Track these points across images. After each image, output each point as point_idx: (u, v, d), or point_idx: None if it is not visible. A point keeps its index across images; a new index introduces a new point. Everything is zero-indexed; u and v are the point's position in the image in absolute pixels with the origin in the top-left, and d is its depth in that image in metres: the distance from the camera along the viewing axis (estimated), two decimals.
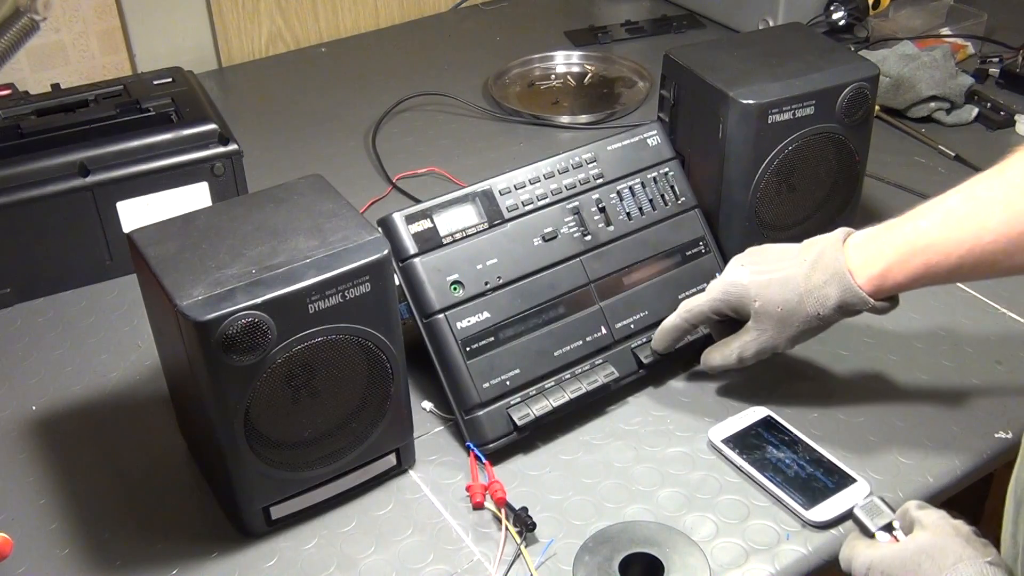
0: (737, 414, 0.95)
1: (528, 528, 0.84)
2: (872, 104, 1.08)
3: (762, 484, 0.88)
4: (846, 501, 0.85)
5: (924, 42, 1.55)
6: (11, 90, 1.24)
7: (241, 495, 0.83)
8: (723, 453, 0.91)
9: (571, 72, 1.64)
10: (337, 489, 0.88)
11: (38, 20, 0.78)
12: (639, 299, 1.01)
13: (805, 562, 0.83)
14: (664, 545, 0.83)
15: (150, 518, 0.89)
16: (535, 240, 0.98)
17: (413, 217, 0.93)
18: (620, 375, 0.98)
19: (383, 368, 0.84)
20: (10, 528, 0.79)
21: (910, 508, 0.75)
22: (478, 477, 0.90)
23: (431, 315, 0.92)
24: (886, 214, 1.24)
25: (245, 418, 0.79)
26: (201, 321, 0.74)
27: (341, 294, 0.79)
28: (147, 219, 1.14)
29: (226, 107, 1.36)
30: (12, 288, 1.14)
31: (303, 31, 1.74)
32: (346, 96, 1.57)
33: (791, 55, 1.09)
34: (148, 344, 1.04)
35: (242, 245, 0.80)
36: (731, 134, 1.04)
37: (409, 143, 1.44)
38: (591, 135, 1.36)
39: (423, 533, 0.86)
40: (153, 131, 1.16)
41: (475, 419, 0.92)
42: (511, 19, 1.84)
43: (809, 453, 0.90)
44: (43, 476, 0.93)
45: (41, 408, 1.01)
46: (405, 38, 1.78)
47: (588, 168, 1.02)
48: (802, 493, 0.86)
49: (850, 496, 0.86)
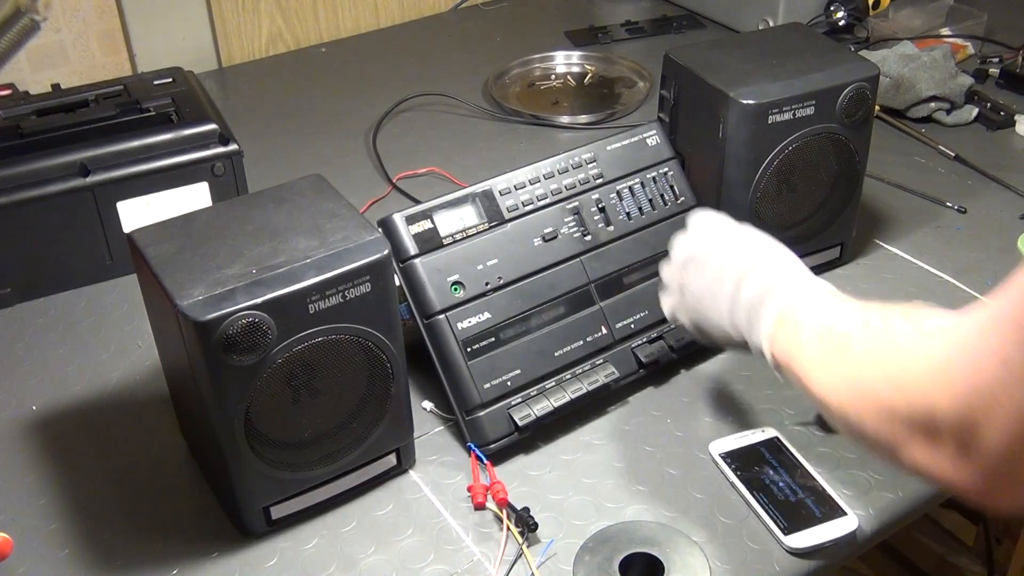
0: (745, 431, 0.94)
1: (530, 528, 0.84)
2: (872, 104, 1.08)
3: (748, 502, 0.87)
4: (829, 533, 0.84)
5: (924, 42, 1.55)
6: (11, 90, 1.24)
7: (241, 495, 0.83)
8: (718, 465, 0.91)
9: (571, 72, 1.64)
10: (337, 489, 0.88)
11: (38, 20, 0.78)
12: (639, 299, 1.01)
13: (804, 563, 0.83)
14: (664, 545, 0.83)
15: (150, 518, 0.89)
16: (535, 240, 0.98)
17: (413, 218, 0.93)
18: (620, 375, 0.98)
19: (383, 368, 0.84)
20: (10, 528, 0.79)
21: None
22: (479, 477, 0.90)
23: (432, 316, 0.92)
24: (886, 214, 1.25)
25: (245, 418, 0.79)
26: (201, 321, 0.74)
27: (341, 294, 0.79)
28: (147, 219, 1.14)
29: (226, 107, 1.36)
30: (12, 288, 1.14)
31: (303, 31, 1.74)
32: (346, 96, 1.57)
33: (791, 55, 1.09)
34: (148, 344, 1.04)
35: (242, 245, 0.80)
36: (731, 134, 1.04)
37: (409, 143, 1.44)
38: (591, 135, 1.36)
39: (423, 533, 0.86)
40: (153, 131, 1.16)
41: (476, 420, 0.92)
42: (511, 19, 1.84)
43: (806, 480, 0.88)
44: (43, 476, 0.93)
45: (41, 408, 1.01)
46: (405, 38, 1.78)
47: (588, 168, 1.02)
48: (786, 518, 0.85)
49: (835, 529, 0.84)
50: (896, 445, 0.63)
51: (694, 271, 0.86)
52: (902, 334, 0.64)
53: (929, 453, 0.60)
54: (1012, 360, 0.54)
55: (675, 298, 0.89)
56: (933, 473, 0.61)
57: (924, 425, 0.60)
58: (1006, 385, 0.54)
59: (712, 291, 0.84)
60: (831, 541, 0.84)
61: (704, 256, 0.86)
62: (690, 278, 0.87)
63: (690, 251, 0.87)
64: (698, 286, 0.85)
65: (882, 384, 0.64)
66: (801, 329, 0.75)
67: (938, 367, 0.59)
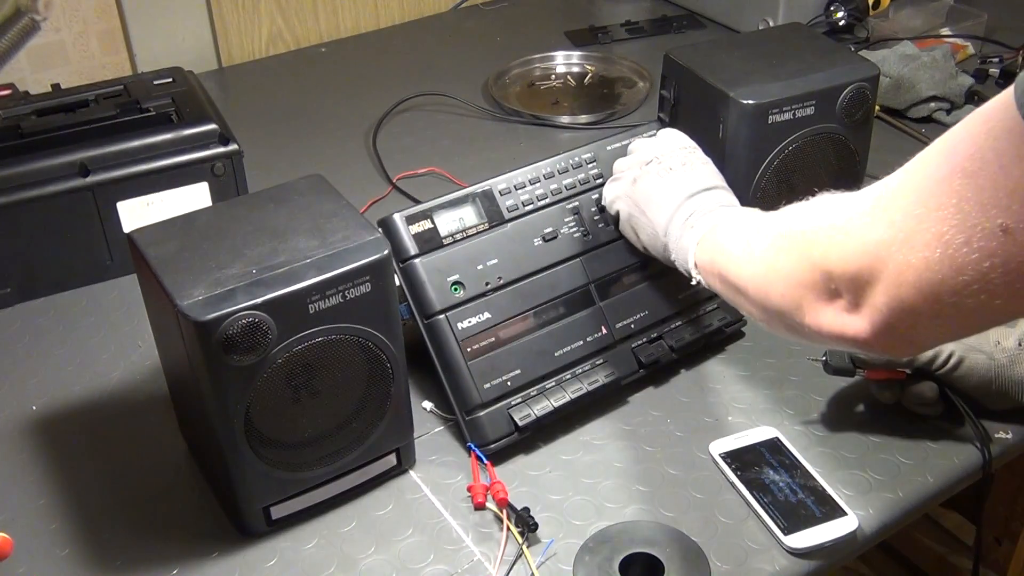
0: (745, 431, 0.94)
1: (530, 528, 0.84)
2: (872, 104, 1.08)
3: (748, 502, 0.87)
4: (829, 533, 0.84)
5: (924, 42, 1.55)
6: (11, 90, 1.23)
7: (241, 495, 0.83)
8: (718, 465, 0.91)
9: (571, 72, 1.64)
10: (337, 489, 0.88)
11: (39, 20, 0.78)
12: (639, 299, 1.01)
13: (804, 562, 0.83)
14: (664, 545, 0.83)
15: (150, 518, 0.89)
16: (535, 240, 0.98)
17: (413, 218, 0.93)
18: (620, 375, 0.98)
19: (383, 368, 0.84)
20: (10, 528, 0.79)
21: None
22: (479, 477, 0.90)
23: (432, 316, 0.92)
24: None
25: (245, 418, 0.79)
26: (201, 321, 0.74)
27: (341, 294, 0.79)
28: (147, 219, 1.14)
29: (226, 107, 1.36)
30: (12, 288, 1.14)
31: (303, 31, 1.74)
32: (346, 96, 1.57)
33: (791, 55, 1.09)
34: (148, 344, 1.04)
35: (242, 245, 0.80)
36: (731, 134, 1.04)
37: (409, 143, 1.44)
38: (591, 135, 1.36)
39: (423, 533, 0.86)
40: (153, 131, 1.16)
41: (476, 419, 0.92)
42: (511, 19, 1.84)
43: (806, 480, 0.88)
44: (43, 476, 0.93)
45: (41, 408, 1.01)
46: (405, 38, 1.78)
47: (588, 168, 1.02)
48: (786, 518, 0.85)
49: (835, 529, 0.84)
50: (799, 307, 0.70)
51: (655, 171, 0.94)
52: (808, 209, 0.72)
53: (826, 310, 0.68)
54: (897, 224, 0.60)
55: (623, 188, 0.97)
56: (831, 329, 0.68)
57: (823, 284, 0.67)
58: (893, 247, 0.60)
59: (666, 193, 0.92)
60: (831, 541, 0.84)
61: (671, 162, 0.94)
62: (649, 176, 0.95)
63: (659, 152, 0.96)
64: (654, 185, 0.94)
65: (788, 253, 0.72)
66: (725, 230, 0.85)
67: (837, 231, 0.66)
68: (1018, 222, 0.53)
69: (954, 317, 0.59)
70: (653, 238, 0.94)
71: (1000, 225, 0.54)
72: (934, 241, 0.57)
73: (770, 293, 0.74)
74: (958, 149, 0.57)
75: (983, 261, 0.55)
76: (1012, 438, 0.93)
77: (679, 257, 0.90)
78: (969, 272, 0.56)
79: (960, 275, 0.56)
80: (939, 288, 0.58)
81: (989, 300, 0.56)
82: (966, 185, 0.55)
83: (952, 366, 0.92)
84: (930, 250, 0.57)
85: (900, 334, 0.63)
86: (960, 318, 0.59)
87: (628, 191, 0.96)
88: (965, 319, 0.60)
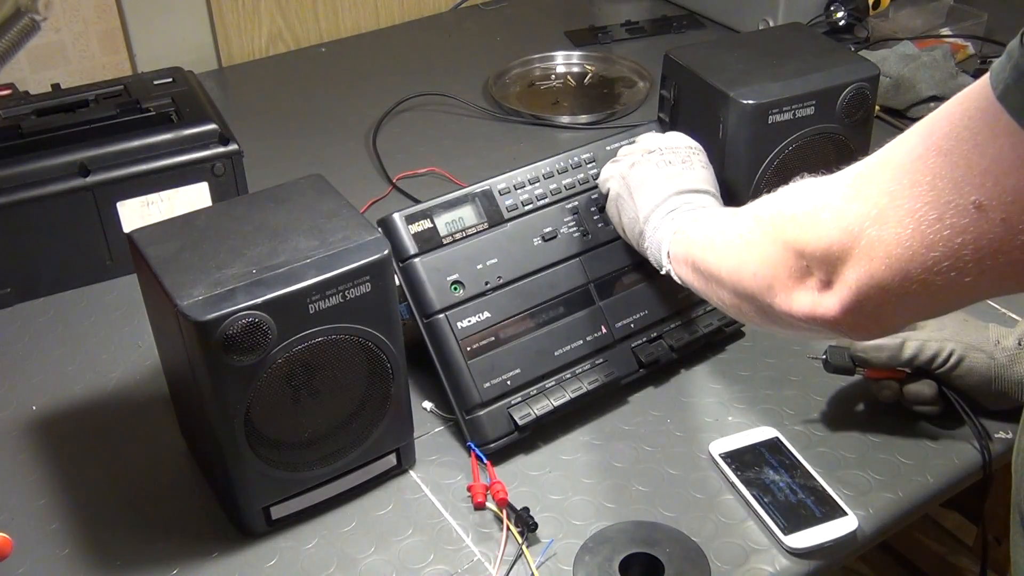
0: (745, 430, 0.94)
1: (530, 528, 0.84)
2: (872, 104, 1.08)
3: (748, 502, 0.87)
4: (829, 533, 0.84)
5: (924, 42, 1.55)
6: (11, 90, 1.24)
7: (241, 495, 0.83)
8: (718, 465, 0.91)
9: (571, 72, 1.64)
10: (337, 489, 0.88)
11: (38, 20, 0.78)
12: (639, 298, 1.01)
13: (804, 562, 0.83)
14: (664, 545, 0.83)
15: (150, 518, 0.89)
16: (535, 240, 0.98)
17: (413, 217, 0.93)
18: (620, 375, 0.98)
19: (383, 368, 0.84)
20: (10, 528, 0.79)
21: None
22: (479, 477, 0.90)
23: (432, 315, 0.92)
24: None
25: (245, 418, 0.79)
26: (201, 321, 0.74)
27: (341, 294, 0.79)
28: (147, 219, 1.14)
29: (226, 107, 1.36)
30: (12, 288, 1.14)
31: (303, 31, 1.74)
32: (346, 96, 1.57)
33: (791, 55, 1.09)
34: (148, 344, 1.04)
35: (242, 245, 0.80)
36: (731, 134, 1.04)
37: (409, 143, 1.44)
38: (591, 135, 1.36)
39: (423, 533, 0.86)
40: (153, 131, 1.16)
41: (476, 419, 0.92)
42: (511, 19, 1.84)
43: (806, 480, 0.88)
44: (43, 476, 0.93)
45: (41, 408, 1.01)
46: (405, 38, 1.78)
47: (588, 168, 1.02)
48: (786, 518, 0.85)
49: (835, 529, 0.84)
50: (770, 287, 0.70)
51: (655, 160, 0.96)
52: (787, 192, 0.72)
53: (797, 291, 0.67)
54: (871, 200, 0.60)
55: (620, 168, 0.98)
56: (800, 309, 0.67)
57: (795, 263, 0.67)
58: (866, 223, 0.60)
59: (658, 183, 0.94)
60: (831, 541, 0.84)
61: (672, 156, 0.96)
62: (647, 164, 0.96)
63: (663, 145, 0.98)
64: (650, 173, 0.95)
65: (764, 234, 0.72)
66: (703, 224, 0.86)
67: (811, 210, 0.66)
68: (991, 199, 0.54)
69: (922, 295, 0.59)
70: (633, 222, 0.94)
71: (973, 202, 0.54)
72: (907, 217, 0.57)
73: (743, 275, 0.74)
74: (935, 129, 0.57)
75: (955, 237, 0.56)
76: (1011, 438, 0.93)
77: (652, 245, 0.91)
78: (940, 248, 0.56)
79: (931, 251, 0.57)
80: (909, 264, 0.58)
81: (959, 278, 0.57)
82: (941, 163, 0.56)
83: (952, 365, 0.92)
84: (902, 226, 0.58)
85: (867, 312, 0.63)
86: (927, 296, 0.60)
87: (623, 172, 0.97)
88: (932, 298, 0.60)
